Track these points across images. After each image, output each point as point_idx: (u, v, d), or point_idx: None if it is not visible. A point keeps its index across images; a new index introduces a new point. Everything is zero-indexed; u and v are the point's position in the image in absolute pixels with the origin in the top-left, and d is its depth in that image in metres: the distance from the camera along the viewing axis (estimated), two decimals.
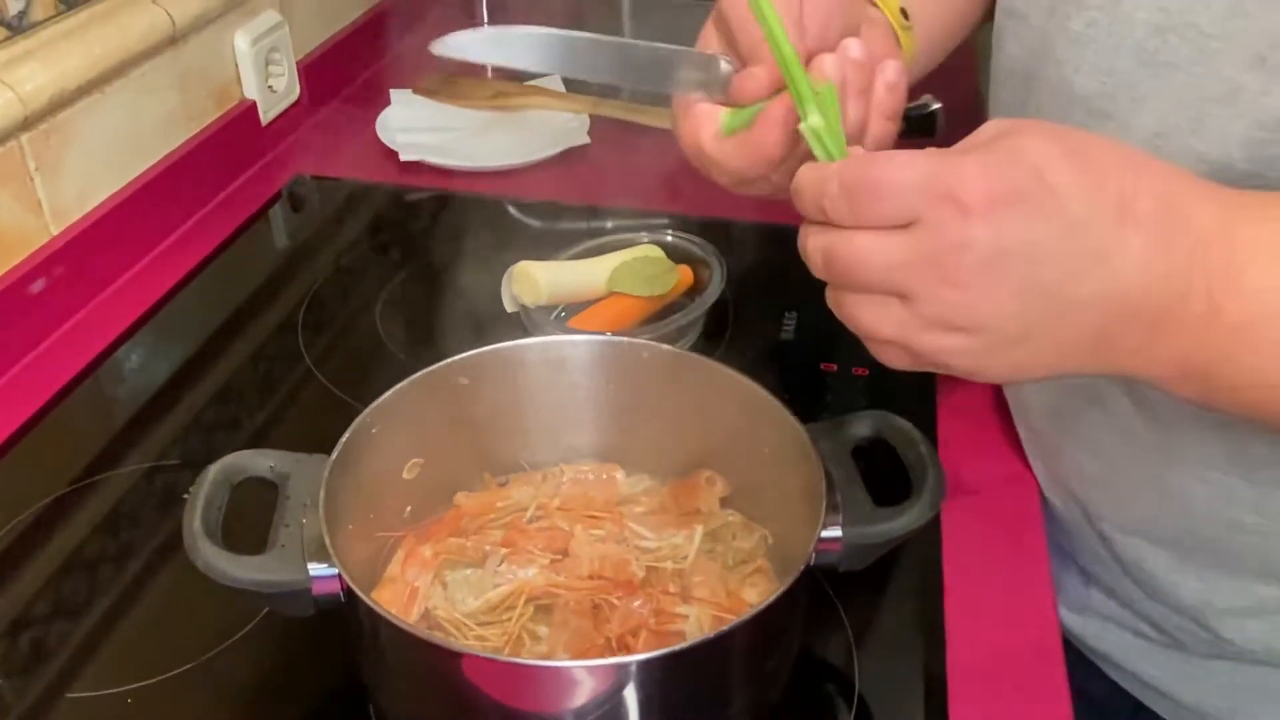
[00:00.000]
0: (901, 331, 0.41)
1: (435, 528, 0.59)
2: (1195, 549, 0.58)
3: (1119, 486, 0.60)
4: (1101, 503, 0.62)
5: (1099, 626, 0.67)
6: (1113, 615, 0.66)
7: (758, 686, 0.51)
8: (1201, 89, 0.47)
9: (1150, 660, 0.65)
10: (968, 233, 0.39)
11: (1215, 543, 0.57)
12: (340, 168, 1.03)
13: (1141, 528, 0.60)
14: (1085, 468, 0.61)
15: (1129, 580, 0.63)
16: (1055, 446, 0.64)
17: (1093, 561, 0.66)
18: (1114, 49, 0.50)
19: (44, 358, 0.78)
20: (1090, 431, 0.60)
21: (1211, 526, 0.56)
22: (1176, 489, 0.56)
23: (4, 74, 0.74)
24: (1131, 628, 0.65)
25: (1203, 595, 0.59)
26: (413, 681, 0.49)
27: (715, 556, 0.59)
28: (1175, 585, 0.60)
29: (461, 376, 0.59)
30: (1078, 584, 0.68)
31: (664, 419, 0.61)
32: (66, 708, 0.55)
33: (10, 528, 0.65)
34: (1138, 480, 0.58)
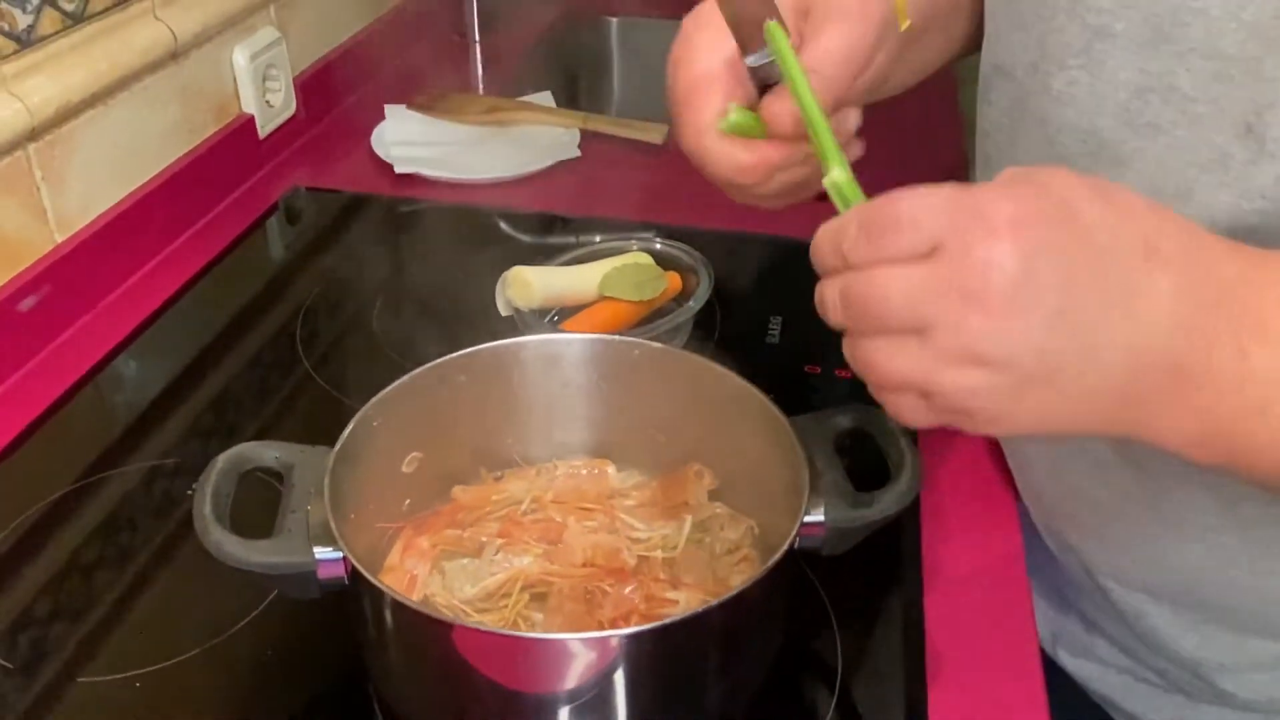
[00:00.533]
0: (921, 370, 0.38)
1: (433, 520, 0.61)
2: (1193, 605, 0.58)
3: (1115, 542, 0.60)
4: (1099, 557, 0.62)
5: (1100, 670, 0.68)
6: (1115, 662, 0.66)
7: (743, 668, 0.53)
8: (1189, 155, 0.47)
9: (1152, 704, 0.65)
10: (994, 251, 0.36)
11: (1212, 600, 0.57)
12: (336, 180, 1.06)
13: (1139, 583, 0.60)
14: (1083, 523, 0.61)
15: (1129, 632, 0.63)
16: (1053, 501, 0.64)
17: (1094, 610, 0.66)
18: (1096, 109, 0.50)
19: (48, 361, 0.80)
20: (1086, 488, 0.59)
21: (1207, 584, 0.56)
22: (1171, 546, 0.56)
23: (13, 86, 0.76)
24: (1134, 674, 0.66)
25: (1201, 650, 0.59)
26: (413, 660, 0.51)
27: (703, 546, 0.61)
28: (1175, 639, 0.60)
29: (459, 373, 0.61)
30: (1079, 630, 0.68)
31: (654, 415, 0.64)
32: (76, 692, 0.56)
33: (20, 521, 0.66)
34: (1133, 537, 0.58)
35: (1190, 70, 0.46)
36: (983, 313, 0.36)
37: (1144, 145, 0.49)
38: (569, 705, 0.49)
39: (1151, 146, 0.48)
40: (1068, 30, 0.51)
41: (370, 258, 0.96)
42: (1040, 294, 0.36)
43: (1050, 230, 0.37)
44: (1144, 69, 0.48)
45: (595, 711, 0.49)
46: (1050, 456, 0.63)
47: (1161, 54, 0.47)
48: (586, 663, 0.47)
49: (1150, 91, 0.48)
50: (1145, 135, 0.48)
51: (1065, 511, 0.63)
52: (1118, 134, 0.49)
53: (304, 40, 1.12)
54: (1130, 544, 0.59)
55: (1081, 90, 0.50)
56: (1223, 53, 0.45)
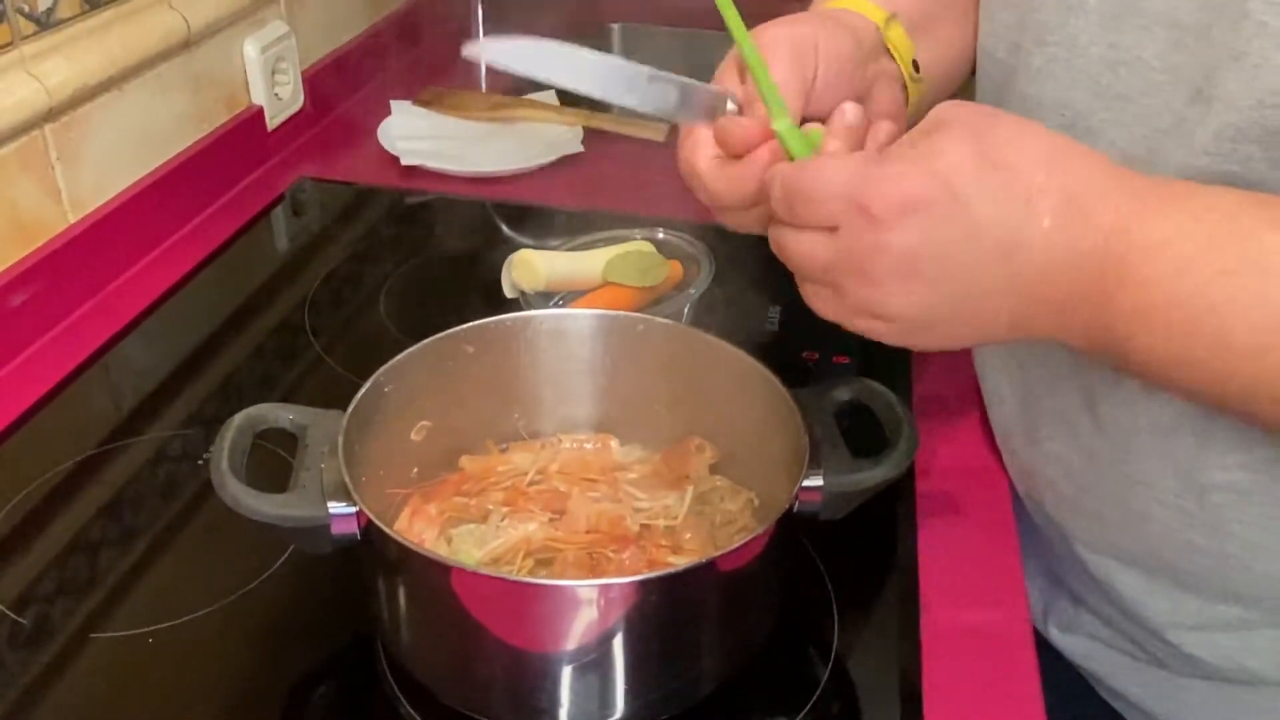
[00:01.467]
0: (838, 314, 0.48)
1: (441, 487, 0.63)
2: (1159, 570, 0.60)
3: (1088, 508, 0.62)
4: (1074, 523, 0.64)
5: (1088, 646, 0.69)
6: (1099, 635, 0.68)
7: (742, 629, 0.55)
8: (1153, 121, 0.50)
9: (1135, 679, 0.67)
10: (879, 239, 0.44)
11: (1175, 563, 0.59)
12: (342, 172, 1.08)
13: (1110, 548, 0.62)
14: (1059, 488, 0.64)
15: (1105, 600, 0.65)
16: (1031, 468, 0.66)
17: (1078, 584, 0.68)
18: (1071, 83, 0.53)
19: (60, 338, 0.82)
20: (1060, 453, 0.62)
21: (1170, 548, 0.58)
22: (1137, 511, 0.58)
23: (32, 66, 0.78)
24: (1117, 647, 0.67)
25: (1170, 615, 0.61)
26: (423, 611, 0.53)
27: (704, 516, 0.62)
28: (1144, 605, 0.62)
29: (468, 344, 0.63)
30: (1068, 605, 0.70)
31: (657, 390, 0.65)
32: (90, 648, 0.58)
33: (35, 486, 0.68)
34: (1103, 502, 0.60)
35: (1154, 40, 0.49)
36: (872, 286, 0.45)
37: (1114, 115, 0.52)
38: (572, 655, 0.50)
39: (1120, 116, 0.51)
40: (1045, 7, 0.54)
41: (377, 247, 0.98)
42: (920, 268, 0.44)
43: (928, 214, 0.44)
44: (1113, 43, 0.51)
45: (597, 666, 0.51)
46: (1027, 423, 0.65)
47: (1128, 26, 0.50)
48: (590, 611, 0.49)
49: (1120, 64, 0.51)
50: (1115, 106, 0.52)
51: (1044, 479, 0.65)
52: (1089, 106, 0.53)
53: (312, 35, 1.14)
54: (1100, 509, 0.61)
55: (1059, 66, 0.54)
56: (1180, 22, 0.48)
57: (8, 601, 0.60)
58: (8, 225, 0.79)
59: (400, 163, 1.06)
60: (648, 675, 0.53)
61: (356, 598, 0.57)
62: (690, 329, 0.64)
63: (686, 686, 0.54)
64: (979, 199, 0.44)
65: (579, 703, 0.52)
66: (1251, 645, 0.59)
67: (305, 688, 0.56)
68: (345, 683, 0.57)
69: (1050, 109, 0.54)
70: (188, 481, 0.69)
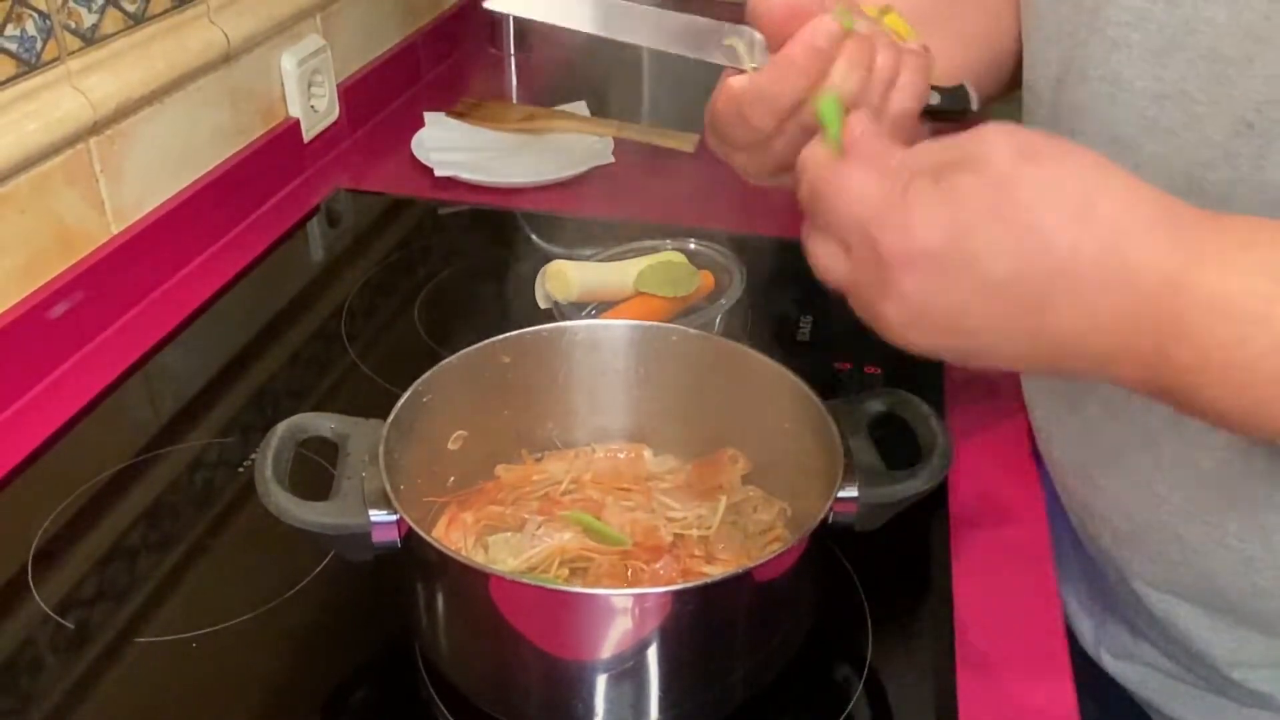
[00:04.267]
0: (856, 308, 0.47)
1: (477, 496, 0.64)
2: (1222, 608, 0.59)
3: (1146, 546, 0.61)
4: (1132, 561, 0.63)
5: (1143, 673, 0.68)
6: (1158, 665, 0.67)
7: (775, 639, 0.55)
8: (1192, 154, 0.49)
9: (1194, 707, 0.65)
10: (886, 281, 0.43)
11: (1240, 604, 0.58)
12: (377, 183, 1.09)
13: (1171, 586, 0.61)
14: (1115, 525, 0.63)
15: (1165, 636, 0.64)
16: (1086, 504, 0.65)
17: (1134, 615, 0.67)
18: (1115, 118, 0.52)
19: (104, 346, 0.83)
20: (1118, 491, 0.61)
21: (1234, 589, 0.57)
22: (1198, 551, 0.57)
23: (77, 80, 0.80)
24: (1177, 677, 0.66)
25: (1234, 654, 0.60)
26: (462, 619, 0.53)
27: (737, 527, 0.63)
28: (1207, 643, 0.61)
29: (504, 355, 0.64)
30: (1123, 633, 0.69)
31: (690, 400, 0.66)
32: (134, 652, 0.59)
33: (80, 492, 0.69)
34: (1162, 541, 0.59)
35: (1198, 74, 0.49)
36: (883, 322, 0.45)
37: (1158, 149, 0.51)
38: (607, 664, 0.51)
39: (1163, 149, 0.51)
40: (1090, 44, 0.53)
41: (411, 257, 0.99)
42: (930, 317, 0.43)
43: (938, 270, 0.42)
44: (1159, 76, 0.50)
45: (632, 674, 0.51)
46: (1082, 459, 0.64)
47: (1174, 61, 0.50)
48: (625, 620, 0.49)
49: (1165, 98, 0.50)
50: (1159, 139, 0.51)
51: (1100, 515, 0.64)
52: (1136, 140, 0.52)
53: (348, 48, 1.15)
54: (1159, 548, 0.60)
55: (1102, 101, 0.53)
56: (1223, 55, 0.48)
57: (53, 605, 0.61)
58: (53, 237, 0.80)
59: (434, 174, 1.07)
60: (681, 684, 0.53)
61: (394, 604, 0.58)
62: (723, 340, 0.64)
63: (720, 696, 0.54)
64: (995, 258, 0.41)
65: (613, 711, 0.53)
66: None
67: (344, 693, 0.57)
68: (383, 688, 0.57)
69: (1094, 144, 0.52)
70: (227, 488, 0.70)
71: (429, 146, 1.12)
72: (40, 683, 0.57)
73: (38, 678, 0.57)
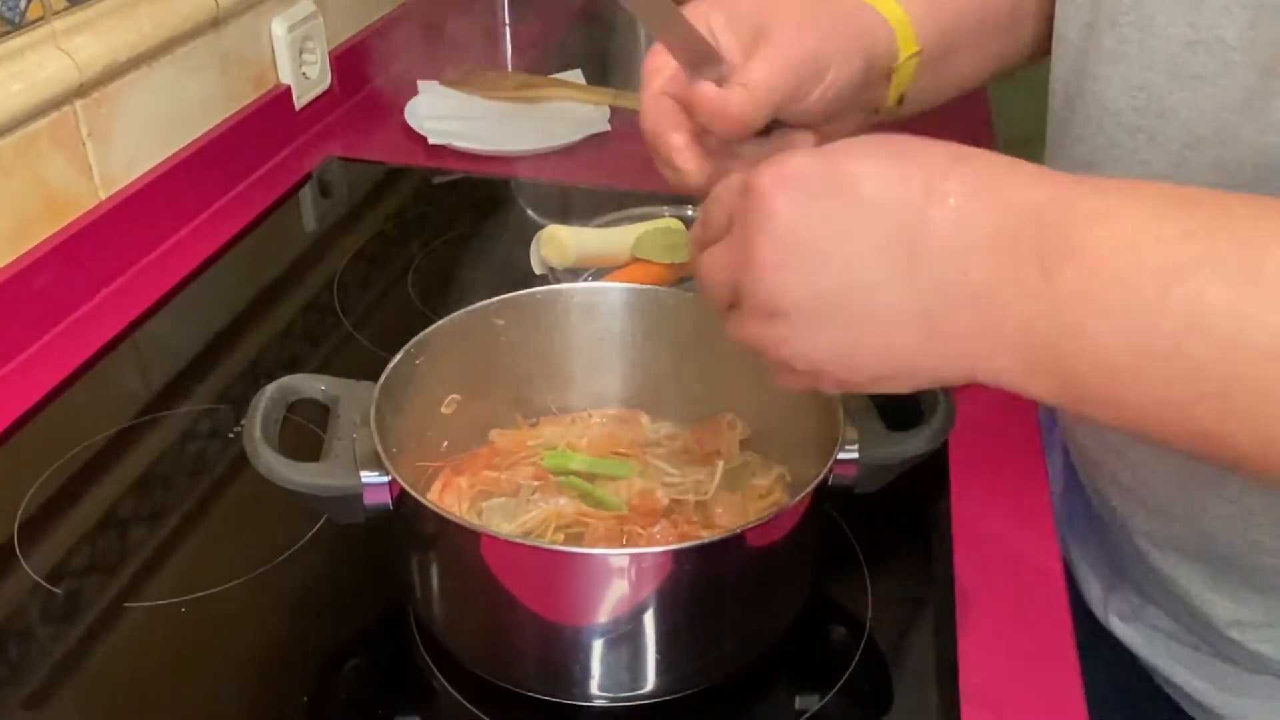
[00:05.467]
0: (744, 332, 0.43)
1: (471, 461, 0.63)
2: (1223, 566, 0.59)
3: (1150, 502, 0.61)
4: (1137, 518, 0.63)
5: (1149, 636, 0.68)
6: (1162, 627, 0.67)
7: (773, 603, 0.55)
8: (1222, 99, 0.48)
9: (1197, 672, 0.66)
10: (760, 213, 0.41)
11: (1240, 561, 0.58)
12: (369, 151, 1.08)
13: (1174, 544, 0.61)
14: (1121, 481, 0.63)
15: (1168, 595, 0.64)
16: (1095, 459, 0.65)
17: (1140, 576, 0.67)
18: (1146, 65, 0.51)
19: (92, 313, 0.82)
20: (1123, 446, 0.61)
21: (1234, 546, 0.57)
22: (1201, 507, 0.57)
23: (62, 41, 0.78)
24: (1180, 639, 0.66)
25: (1234, 612, 0.60)
26: (455, 580, 0.52)
27: (735, 492, 0.62)
28: (1208, 602, 0.61)
29: (498, 318, 0.63)
30: (1133, 596, 0.69)
31: (687, 365, 0.65)
32: (123, 617, 0.58)
33: (69, 458, 0.68)
34: (1168, 498, 0.59)
35: (1234, 21, 0.48)
36: (759, 268, 0.41)
37: (1188, 95, 0.50)
38: (603, 626, 0.50)
39: (1195, 96, 0.50)
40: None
41: (404, 226, 0.98)
42: (802, 245, 0.40)
43: (809, 185, 0.40)
44: (1192, 23, 0.49)
45: (629, 637, 0.51)
46: None
47: (1208, 7, 0.49)
48: (622, 581, 0.48)
49: (1198, 44, 0.49)
50: (1189, 86, 0.50)
51: (1108, 472, 0.64)
52: (1165, 87, 0.51)
53: (340, 15, 1.14)
54: (1163, 504, 0.60)
55: (1132, 47, 0.52)
56: (1264, 2, 0.47)
57: (42, 572, 0.60)
58: (40, 201, 0.79)
59: (428, 142, 1.06)
60: (679, 648, 0.52)
61: (387, 569, 0.57)
62: None
63: (718, 660, 0.54)
64: (868, 177, 0.40)
65: (610, 674, 0.52)
66: None
67: (337, 657, 0.56)
68: (377, 653, 0.57)
69: (1121, 90, 0.53)
70: (218, 455, 0.69)
71: (423, 114, 1.10)
72: (30, 650, 0.56)
73: (27, 645, 0.56)
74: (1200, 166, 0.49)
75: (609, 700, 0.53)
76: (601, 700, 0.53)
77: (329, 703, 0.54)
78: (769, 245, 0.40)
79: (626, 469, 0.61)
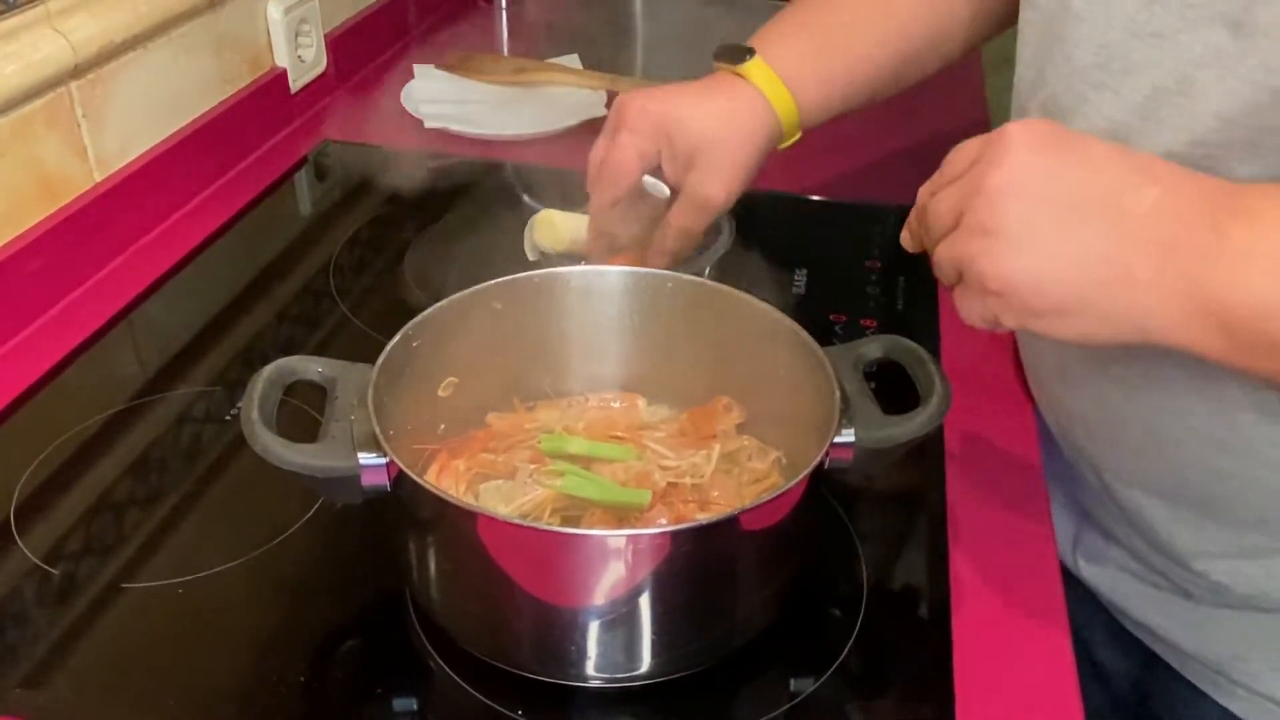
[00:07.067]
0: (954, 250, 0.49)
1: (468, 444, 0.63)
2: (1188, 499, 0.61)
3: (1118, 438, 0.63)
4: (1105, 455, 0.65)
5: (1114, 577, 0.71)
6: (1127, 567, 0.70)
7: (769, 585, 0.55)
8: (1186, 54, 0.51)
9: (1161, 609, 0.68)
10: (1006, 149, 0.47)
11: (1204, 491, 0.60)
12: (365, 135, 1.07)
13: (1140, 479, 0.63)
14: (1089, 421, 0.65)
15: (1134, 532, 0.67)
16: (1063, 402, 0.67)
17: (1106, 515, 0.69)
18: (1107, 24, 0.54)
19: (88, 295, 0.82)
20: (1093, 388, 0.63)
21: (1199, 474, 0.59)
22: (1168, 439, 0.59)
23: (57, 21, 0.78)
24: (1145, 579, 0.69)
25: (1196, 544, 0.62)
26: (452, 561, 0.53)
27: (731, 476, 0.62)
28: (1172, 535, 0.63)
29: (495, 301, 0.63)
30: (1097, 538, 0.72)
31: (685, 349, 0.65)
32: (120, 597, 0.58)
33: (65, 439, 0.68)
34: (1134, 432, 0.62)
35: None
36: (988, 194, 0.47)
37: (1150, 52, 0.53)
38: (599, 608, 0.50)
39: (1155, 52, 0.52)
40: None
41: (400, 210, 0.97)
42: (1030, 181, 0.47)
43: (1049, 144, 0.47)
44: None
45: (625, 619, 0.51)
46: (1059, 359, 0.66)
47: None
48: (618, 563, 0.48)
49: (1155, 2, 0.52)
50: (1150, 43, 0.53)
51: (1076, 412, 0.66)
52: (1127, 44, 0.54)
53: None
54: (1130, 439, 0.62)
55: (1097, 7, 0.55)
56: None
57: (39, 554, 0.60)
58: (34, 182, 0.79)
59: (423, 126, 1.06)
60: (674, 629, 0.53)
61: (384, 551, 0.57)
62: (719, 286, 0.63)
63: (713, 642, 0.54)
64: (1099, 145, 0.48)
65: (606, 655, 0.52)
66: (1274, 572, 0.61)
67: (334, 638, 0.57)
68: (374, 634, 0.57)
69: (1086, 48, 0.55)
70: (215, 437, 0.69)
71: (418, 98, 1.10)
72: (27, 631, 0.56)
73: (25, 626, 0.56)
74: (1162, 118, 0.52)
75: (605, 681, 0.53)
76: (597, 681, 0.53)
77: (326, 683, 0.54)
78: (1003, 175, 0.47)
79: (623, 452, 0.61)
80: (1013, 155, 0.47)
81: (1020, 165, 0.47)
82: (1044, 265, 0.46)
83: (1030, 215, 0.46)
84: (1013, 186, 0.47)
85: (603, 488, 0.58)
